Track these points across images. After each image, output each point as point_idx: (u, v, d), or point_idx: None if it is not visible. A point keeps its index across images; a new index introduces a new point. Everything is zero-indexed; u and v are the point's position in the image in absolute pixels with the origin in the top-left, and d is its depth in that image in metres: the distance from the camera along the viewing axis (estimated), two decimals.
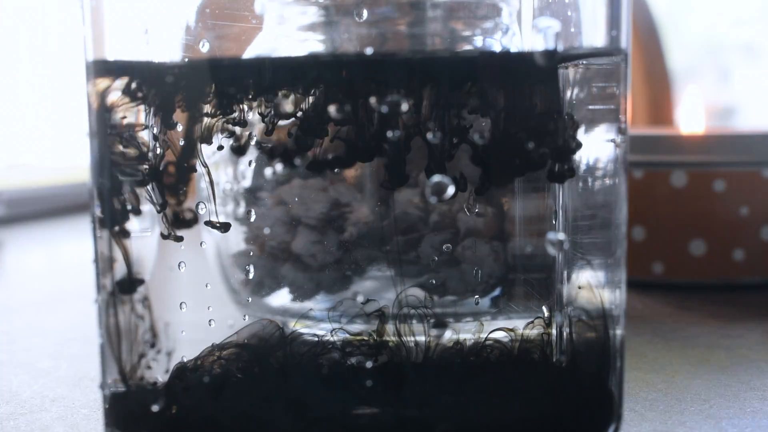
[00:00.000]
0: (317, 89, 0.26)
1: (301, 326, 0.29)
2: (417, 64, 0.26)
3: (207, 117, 0.27)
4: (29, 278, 0.66)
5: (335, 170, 0.29)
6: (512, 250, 0.30)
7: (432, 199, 0.27)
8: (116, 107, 0.27)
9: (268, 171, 0.32)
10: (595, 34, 0.28)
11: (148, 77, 0.27)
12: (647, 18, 0.95)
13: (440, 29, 0.31)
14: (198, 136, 0.27)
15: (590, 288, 0.29)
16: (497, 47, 0.32)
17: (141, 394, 0.27)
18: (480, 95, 0.26)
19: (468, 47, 0.32)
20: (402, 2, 0.30)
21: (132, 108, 0.27)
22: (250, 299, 0.32)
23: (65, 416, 0.33)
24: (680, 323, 0.46)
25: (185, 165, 0.27)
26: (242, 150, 0.28)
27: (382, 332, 0.27)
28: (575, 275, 0.29)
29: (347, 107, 0.26)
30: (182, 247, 0.28)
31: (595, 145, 0.28)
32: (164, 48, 0.28)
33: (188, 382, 0.27)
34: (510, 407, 0.27)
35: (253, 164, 0.32)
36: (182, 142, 0.27)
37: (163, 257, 0.28)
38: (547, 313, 0.29)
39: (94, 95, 0.27)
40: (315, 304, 0.31)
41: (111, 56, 0.28)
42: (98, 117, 0.27)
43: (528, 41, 0.28)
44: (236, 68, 0.27)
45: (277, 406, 0.26)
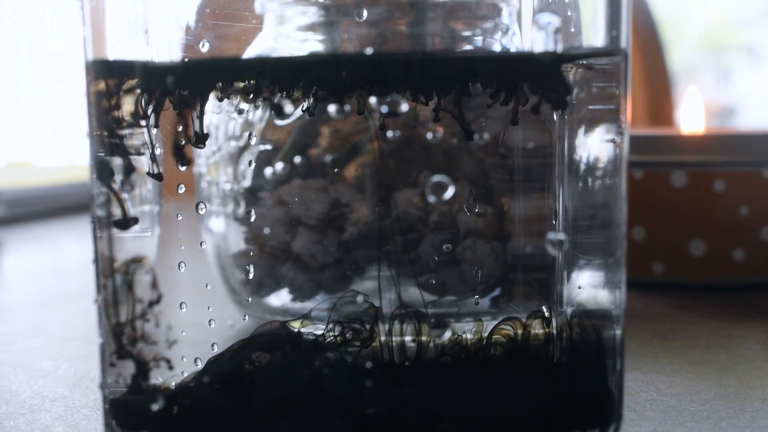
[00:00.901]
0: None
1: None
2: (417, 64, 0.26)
3: None
4: (29, 278, 0.66)
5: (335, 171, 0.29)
6: (512, 250, 0.30)
7: (432, 199, 0.27)
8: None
9: (268, 171, 0.32)
10: (595, 34, 0.28)
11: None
12: (647, 18, 0.95)
13: (440, 29, 0.31)
14: None
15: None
16: (497, 47, 0.32)
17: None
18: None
19: (468, 47, 0.32)
20: (402, 2, 0.30)
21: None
22: (250, 299, 0.32)
23: (65, 416, 0.33)
24: (680, 323, 0.46)
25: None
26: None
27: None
28: (575, 275, 0.29)
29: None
30: (182, 247, 0.28)
31: (595, 145, 0.28)
32: (164, 48, 0.28)
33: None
34: (510, 407, 0.27)
35: (253, 164, 0.32)
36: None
37: (163, 257, 0.28)
38: (547, 313, 0.29)
39: None
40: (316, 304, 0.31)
41: (111, 56, 0.28)
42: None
43: (528, 40, 0.28)
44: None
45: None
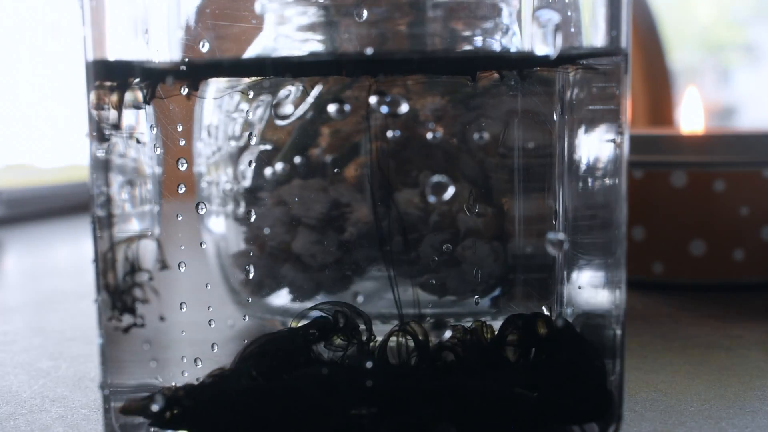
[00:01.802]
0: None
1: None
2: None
3: None
4: (29, 278, 0.66)
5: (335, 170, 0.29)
6: (512, 251, 0.30)
7: (432, 199, 0.27)
8: None
9: (268, 171, 0.32)
10: (595, 34, 0.28)
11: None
12: (647, 18, 0.95)
13: (440, 29, 0.31)
14: None
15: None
16: (497, 47, 0.32)
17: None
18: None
19: (468, 47, 0.32)
20: (402, 2, 0.30)
21: None
22: (250, 299, 0.32)
23: (65, 416, 0.33)
24: (680, 323, 0.46)
25: None
26: None
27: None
28: (575, 275, 0.29)
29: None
30: (182, 247, 0.28)
31: (595, 145, 0.28)
32: (164, 48, 0.28)
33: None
34: (509, 407, 0.27)
35: (253, 164, 0.32)
36: None
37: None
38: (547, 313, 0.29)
39: None
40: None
41: (111, 56, 0.28)
42: None
43: (528, 40, 0.28)
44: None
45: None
